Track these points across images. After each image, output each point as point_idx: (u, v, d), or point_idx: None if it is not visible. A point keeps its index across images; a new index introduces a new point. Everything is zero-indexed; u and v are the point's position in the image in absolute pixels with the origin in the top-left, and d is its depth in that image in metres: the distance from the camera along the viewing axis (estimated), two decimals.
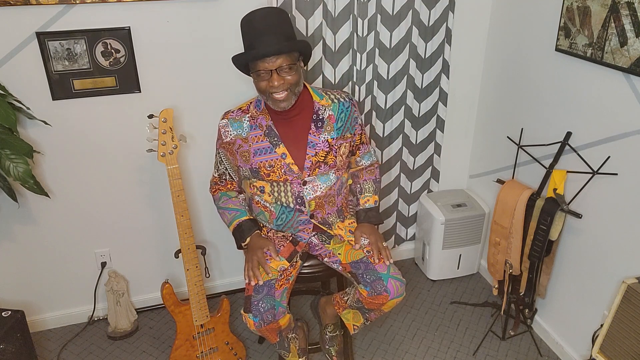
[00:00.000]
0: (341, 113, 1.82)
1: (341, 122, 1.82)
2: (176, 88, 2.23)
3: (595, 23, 1.83)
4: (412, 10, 2.33)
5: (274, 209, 1.86)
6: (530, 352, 2.33)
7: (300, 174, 1.78)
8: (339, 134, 1.81)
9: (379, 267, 1.78)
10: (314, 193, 1.82)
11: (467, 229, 2.65)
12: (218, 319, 2.13)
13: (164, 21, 2.10)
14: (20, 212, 2.23)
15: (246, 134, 1.79)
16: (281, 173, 1.78)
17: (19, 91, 2.04)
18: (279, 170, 1.78)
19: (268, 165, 1.78)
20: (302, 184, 1.80)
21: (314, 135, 1.77)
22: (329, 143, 1.80)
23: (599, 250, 2.00)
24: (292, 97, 1.69)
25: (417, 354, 2.33)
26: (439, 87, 2.54)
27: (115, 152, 2.26)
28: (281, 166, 1.77)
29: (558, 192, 2.06)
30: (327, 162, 1.80)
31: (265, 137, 1.77)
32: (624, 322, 1.69)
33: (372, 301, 1.78)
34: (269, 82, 1.64)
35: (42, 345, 2.39)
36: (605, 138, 1.90)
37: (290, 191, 1.81)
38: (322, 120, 1.79)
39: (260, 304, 1.75)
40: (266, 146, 1.77)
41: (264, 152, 1.78)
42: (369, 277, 1.77)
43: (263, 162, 1.78)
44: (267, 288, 1.78)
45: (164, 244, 2.51)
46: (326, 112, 1.79)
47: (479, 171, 2.79)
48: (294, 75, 1.65)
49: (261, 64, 1.62)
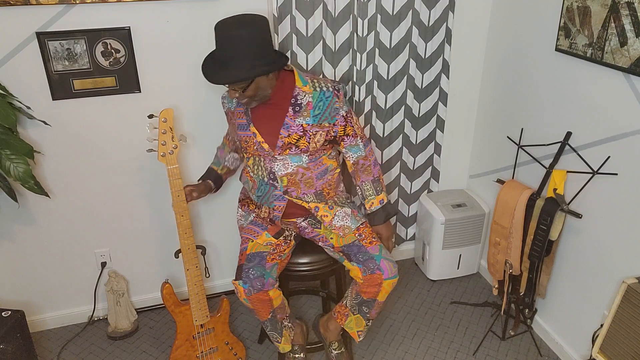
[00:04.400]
0: (319, 101, 1.85)
1: (319, 110, 1.85)
2: (176, 88, 2.23)
3: (595, 23, 1.83)
4: (412, 10, 2.33)
5: (256, 180, 1.97)
6: (530, 352, 2.33)
7: (271, 152, 1.88)
8: (315, 121, 1.85)
9: (371, 248, 1.91)
10: (285, 170, 1.90)
11: (467, 229, 2.65)
12: (218, 318, 2.13)
13: (164, 21, 2.10)
14: (20, 212, 2.23)
15: (234, 109, 1.94)
16: (254, 149, 1.90)
17: (19, 91, 2.04)
18: (252, 146, 1.90)
19: (244, 140, 1.91)
20: (273, 161, 1.89)
21: (290, 118, 1.84)
22: (303, 128, 1.85)
23: (599, 250, 2.00)
24: (253, 102, 1.80)
25: (417, 354, 2.33)
26: (439, 87, 2.54)
27: (115, 152, 2.26)
28: (253, 143, 1.89)
29: (558, 192, 2.07)
30: (299, 145, 1.86)
31: (244, 115, 1.90)
32: (624, 322, 1.69)
33: (367, 283, 1.88)
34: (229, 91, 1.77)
35: (42, 345, 2.39)
36: (605, 138, 1.90)
37: (263, 166, 1.92)
38: (300, 105, 1.84)
39: (250, 271, 1.85)
40: (244, 123, 1.90)
41: (242, 128, 1.91)
42: (361, 257, 1.90)
43: (241, 137, 1.91)
44: (258, 258, 1.89)
45: (164, 244, 2.51)
46: (305, 99, 1.84)
47: (479, 171, 2.79)
48: (250, 90, 1.74)
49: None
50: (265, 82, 1.76)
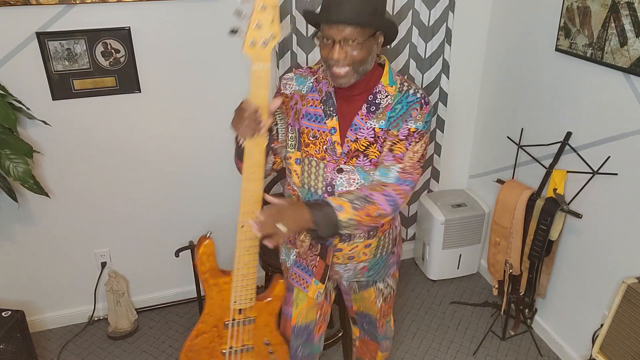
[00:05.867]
0: (398, 103, 1.46)
1: (394, 113, 1.46)
2: (176, 88, 2.22)
3: (595, 23, 1.83)
4: (412, 10, 2.33)
5: (301, 193, 1.58)
6: (530, 352, 2.33)
7: (338, 159, 1.49)
8: (387, 125, 1.46)
9: (380, 329, 1.83)
10: (347, 186, 1.49)
11: (467, 229, 2.65)
12: (265, 306, 1.56)
13: (164, 21, 2.10)
14: (20, 212, 2.23)
15: (305, 92, 1.53)
16: (322, 148, 1.50)
17: (19, 91, 2.04)
18: (321, 144, 1.50)
19: (312, 135, 1.50)
20: (338, 171, 1.49)
21: (361, 118, 1.47)
22: (375, 132, 1.46)
23: (599, 250, 2.00)
24: (353, 76, 1.40)
25: (417, 354, 2.33)
26: (439, 87, 2.54)
27: (115, 152, 2.26)
28: (325, 141, 1.49)
29: (558, 192, 2.06)
30: (368, 154, 1.47)
31: (320, 104, 1.50)
32: (624, 322, 1.69)
33: (364, 346, 1.89)
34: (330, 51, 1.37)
35: (42, 345, 2.38)
36: (605, 138, 1.90)
37: (323, 175, 1.51)
38: (377, 106, 1.47)
39: (299, 351, 1.71)
40: (318, 113, 1.50)
41: (314, 120, 1.51)
42: (367, 327, 1.84)
43: (309, 129, 1.51)
44: (306, 333, 1.68)
45: (164, 243, 2.50)
46: (386, 100, 1.47)
47: (479, 171, 2.78)
48: (360, 52, 1.36)
49: (327, 30, 1.36)
50: (373, 51, 1.41)
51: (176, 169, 2.37)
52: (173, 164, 2.35)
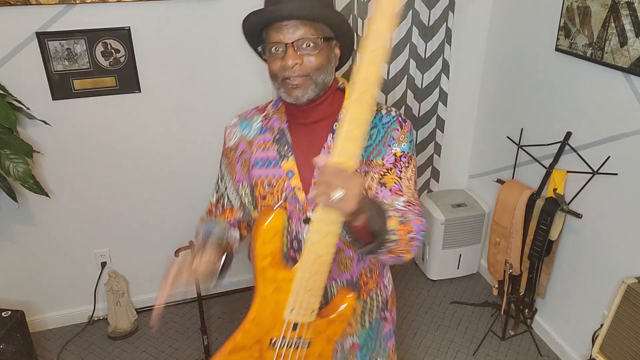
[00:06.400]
0: (372, 128, 1.22)
1: (370, 140, 1.22)
2: (176, 88, 2.22)
3: (595, 23, 1.83)
4: (412, 10, 2.33)
5: None
6: (530, 352, 2.33)
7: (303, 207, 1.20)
8: (365, 156, 1.21)
9: None
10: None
11: (467, 229, 2.65)
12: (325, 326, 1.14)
13: (164, 21, 2.10)
14: (20, 212, 2.23)
15: (252, 137, 1.29)
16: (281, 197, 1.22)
17: (19, 91, 2.03)
18: (278, 193, 1.22)
19: (267, 184, 1.24)
20: (304, 221, 1.21)
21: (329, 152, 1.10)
22: None
23: (599, 250, 2.00)
24: (310, 86, 1.16)
25: (417, 354, 2.33)
26: (439, 87, 2.54)
27: (115, 152, 2.26)
28: (283, 188, 1.22)
29: (558, 192, 2.06)
30: None
31: (274, 144, 1.25)
32: (624, 322, 1.69)
33: None
34: (282, 60, 1.14)
35: (42, 345, 2.38)
36: (605, 138, 1.90)
37: (287, 228, 1.21)
38: None
39: None
40: (271, 157, 1.24)
41: (266, 165, 1.24)
42: None
43: (262, 177, 1.24)
44: None
45: (164, 243, 2.50)
46: None
47: (479, 171, 2.78)
48: (318, 56, 1.14)
49: (275, 34, 1.14)
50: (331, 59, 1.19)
51: (176, 169, 2.37)
52: (173, 163, 2.35)
